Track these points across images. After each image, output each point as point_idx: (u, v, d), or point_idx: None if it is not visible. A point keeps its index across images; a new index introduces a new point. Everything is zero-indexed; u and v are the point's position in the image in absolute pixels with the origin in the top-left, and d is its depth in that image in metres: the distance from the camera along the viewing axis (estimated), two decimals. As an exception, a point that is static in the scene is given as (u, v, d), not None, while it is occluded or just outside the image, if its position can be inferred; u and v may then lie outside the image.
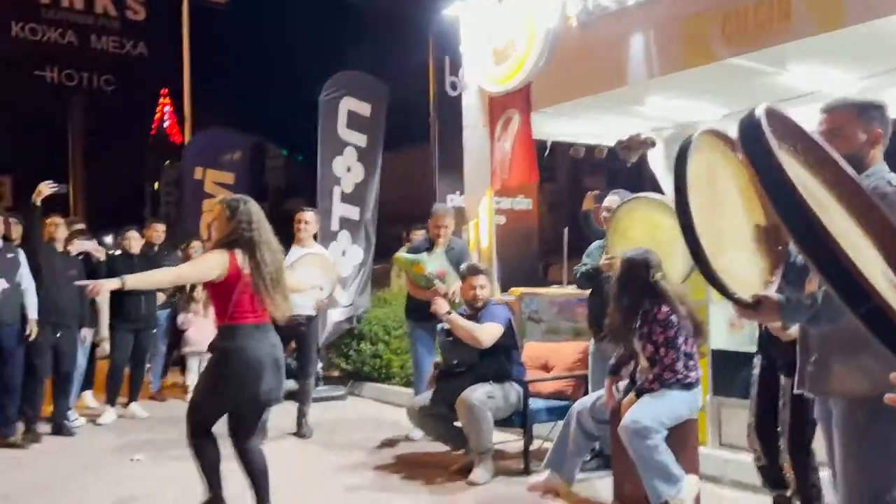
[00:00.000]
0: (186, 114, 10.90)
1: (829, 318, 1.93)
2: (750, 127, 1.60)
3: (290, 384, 6.69)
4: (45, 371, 5.62)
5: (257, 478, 3.33)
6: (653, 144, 5.74)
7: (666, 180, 6.76)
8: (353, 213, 7.20)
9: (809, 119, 2.00)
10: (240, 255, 3.29)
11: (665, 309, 3.59)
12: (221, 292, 3.31)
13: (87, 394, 6.57)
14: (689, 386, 3.60)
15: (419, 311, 5.20)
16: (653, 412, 3.50)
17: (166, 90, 29.56)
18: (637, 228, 4.03)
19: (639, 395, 3.64)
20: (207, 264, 3.37)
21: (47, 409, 5.82)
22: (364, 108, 7.27)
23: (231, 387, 3.30)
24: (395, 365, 6.84)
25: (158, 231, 6.88)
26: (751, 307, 1.90)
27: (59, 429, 5.71)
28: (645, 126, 6.14)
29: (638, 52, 4.67)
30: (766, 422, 3.26)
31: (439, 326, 4.60)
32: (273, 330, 3.48)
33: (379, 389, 6.86)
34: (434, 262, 5.08)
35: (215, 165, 9.60)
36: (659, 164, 6.68)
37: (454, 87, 8.01)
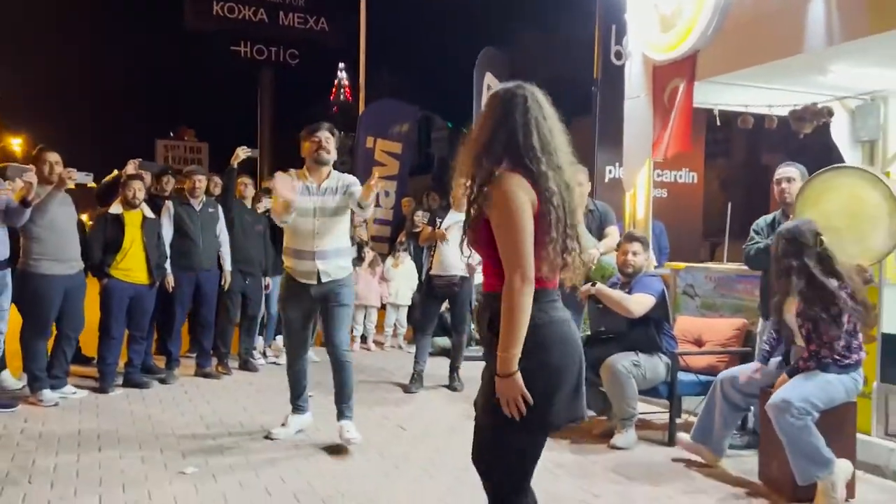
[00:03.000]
0: (361, 85, 11.57)
1: None
2: None
3: (445, 340, 7.11)
4: (235, 313, 6.40)
5: None
6: (830, 115, 5.35)
7: (851, 155, 6.26)
8: None
9: None
10: None
11: (833, 282, 3.43)
12: None
13: (280, 338, 7.31)
14: (847, 368, 3.44)
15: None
16: (804, 392, 3.39)
17: (344, 64, 31.20)
18: (834, 200, 3.79)
19: (791, 375, 3.54)
20: None
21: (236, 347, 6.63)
22: (494, 82, 7.40)
23: None
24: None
25: None
26: None
27: (246, 364, 6.50)
28: (826, 95, 5.73)
29: (817, 19, 4.38)
30: None
31: (582, 289, 4.58)
32: None
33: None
34: None
35: (385, 135, 10.16)
36: (844, 136, 6.21)
37: (619, 56, 7.89)
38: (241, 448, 4.26)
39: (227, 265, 6.20)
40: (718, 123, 5.78)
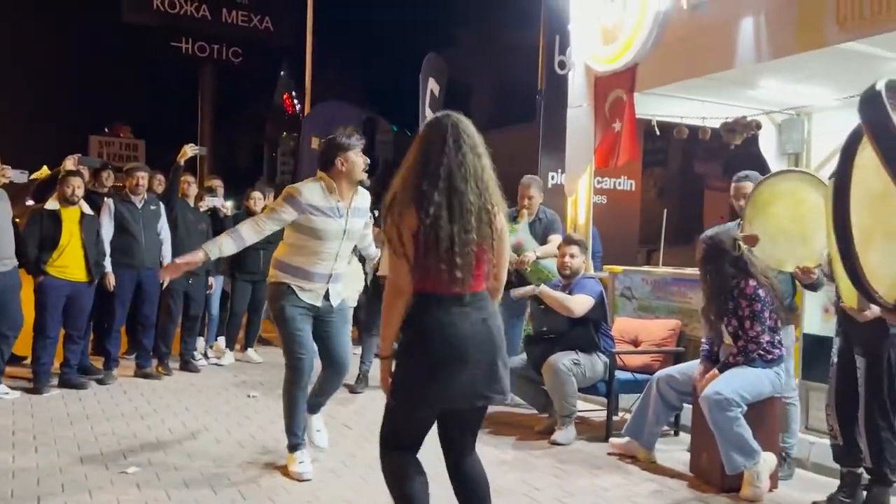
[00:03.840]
0: (307, 86, 11.52)
1: None
2: (870, 96, 1.67)
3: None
4: (178, 312, 6.30)
5: None
6: (759, 127, 5.67)
7: (777, 166, 6.61)
8: None
9: None
10: None
11: (752, 283, 3.67)
12: None
13: (222, 339, 7.20)
14: (772, 362, 3.68)
15: (507, 280, 5.44)
16: (734, 385, 3.61)
17: (287, 63, 30.86)
18: (781, 204, 3.78)
19: (721, 370, 3.75)
20: None
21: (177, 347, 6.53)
22: (436, 88, 7.53)
23: None
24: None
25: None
26: (892, 310, 1.91)
27: (186, 365, 6.40)
28: (755, 109, 6.05)
29: (748, 36, 4.64)
30: (845, 401, 3.33)
31: (518, 292, 4.75)
32: None
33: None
34: (517, 233, 5.28)
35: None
36: (771, 148, 6.55)
37: (562, 65, 8.11)
38: (184, 447, 4.22)
39: (168, 261, 6.10)
40: (658, 133, 6.02)
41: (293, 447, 3.79)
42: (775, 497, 3.65)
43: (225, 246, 3.55)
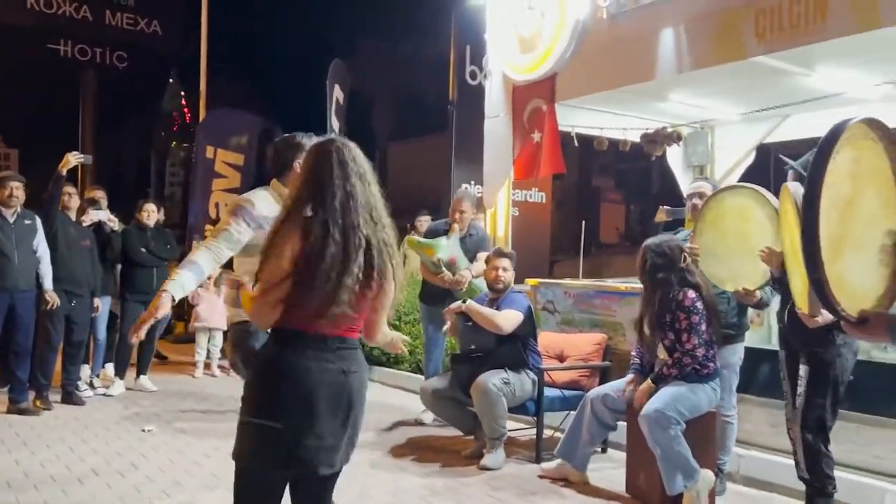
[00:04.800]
0: (201, 93, 10.87)
1: None
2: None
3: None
4: (58, 339, 5.64)
5: None
6: (679, 139, 5.75)
7: (683, 178, 6.76)
8: None
9: (831, 120, 1.91)
10: None
11: (691, 294, 3.59)
12: None
13: (110, 366, 6.53)
14: (706, 378, 3.61)
15: (433, 296, 5.22)
16: (673, 402, 3.50)
17: (178, 69, 29.50)
18: (728, 218, 3.62)
19: (655, 381, 3.65)
20: None
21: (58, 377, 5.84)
22: (341, 96, 7.30)
23: None
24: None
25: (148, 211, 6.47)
26: (856, 323, 1.80)
27: (70, 397, 5.74)
28: (664, 122, 6.15)
29: (668, 47, 4.65)
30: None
31: (452, 306, 4.57)
32: None
33: (389, 374, 6.87)
34: (448, 248, 5.07)
35: (226, 146, 9.59)
36: (678, 161, 6.69)
37: (473, 76, 8.00)
38: (69, 496, 3.68)
39: (48, 284, 5.45)
40: (577, 145, 5.98)
41: None
42: (712, 514, 3.58)
43: (188, 284, 2.77)
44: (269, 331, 2.10)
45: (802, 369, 3.19)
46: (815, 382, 3.15)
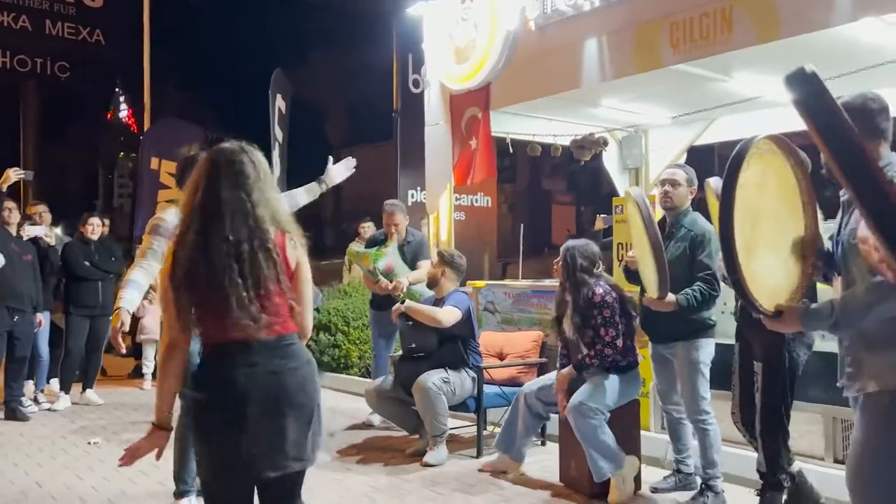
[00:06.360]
0: (145, 103, 10.79)
1: (848, 323, 1.93)
2: (801, 76, 1.69)
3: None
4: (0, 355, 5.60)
5: None
6: (605, 144, 5.99)
7: (620, 180, 7.04)
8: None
9: (754, 122, 2.10)
10: None
11: (599, 290, 3.80)
12: None
13: (55, 381, 6.48)
14: (626, 369, 3.82)
15: (382, 302, 5.35)
16: (596, 394, 3.71)
17: (122, 79, 28.98)
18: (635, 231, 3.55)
19: (577, 369, 3.85)
20: None
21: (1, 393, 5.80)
22: (283, 105, 7.37)
23: None
24: (353, 355, 6.96)
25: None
26: (773, 317, 1.97)
27: (13, 413, 5.70)
28: (599, 127, 6.40)
29: (592, 57, 4.89)
30: (749, 407, 3.31)
31: (395, 307, 4.71)
32: None
33: (338, 379, 6.97)
34: (387, 257, 5.18)
35: (171, 156, 9.55)
36: (614, 164, 6.96)
37: (416, 84, 8.16)
38: (13, 510, 3.71)
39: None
40: (511, 151, 6.19)
41: (181, 493, 3.49)
42: (644, 498, 3.79)
43: (135, 299, 3.14)
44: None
45: (757, 365, 3.24)
46: (768, 379, 3.20)
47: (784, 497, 3.30)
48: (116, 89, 32.73)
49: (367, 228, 7.17)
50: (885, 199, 1.57)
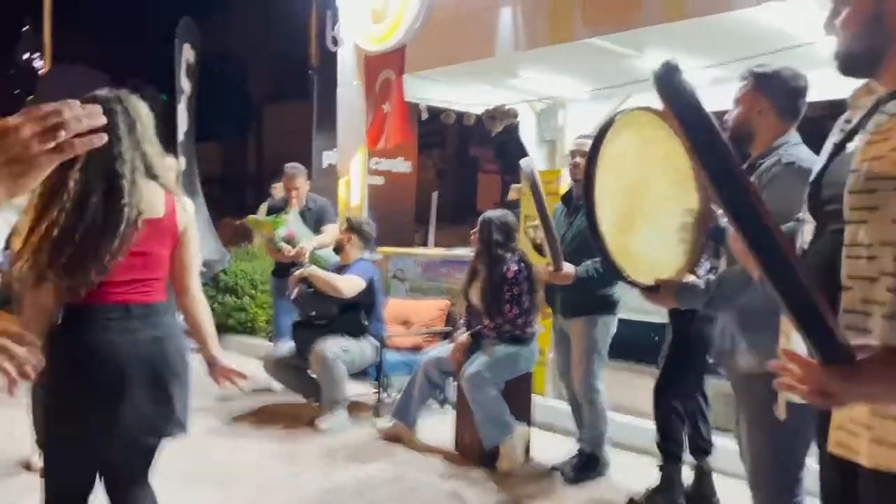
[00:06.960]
0: (46, 45, 10.10)
1: (723, 301, 1.97)
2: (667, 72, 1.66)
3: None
4: None
5: None
6: (515, 116, 5.97)
7: (537, 152, 7.04)
8: (183, 164, 6.88)
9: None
10: None
11: (514, 267, 3.82)
12: None
13: None
14: (523, 341, 3.87)
15: (282, 268, 5.22)
16: (492, 365, 3.74)
17: (32, 19, 27.13)
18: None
19: (473, 337, 3.89)
20: None
21: None
22: (192, 56, 6.98)
23: None
24: (260, 319, 6.82)
25: None
26: (649, 290, 1.96)
27: None
28: (516, 97, 6.36)
29: (506, 25, 4.82)
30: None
31: (296, 273, 4.61)
32: None
33: (243, 343, 6.82)
34: (287, 224, 5.03)
35: (69, 103, 9.00)
36: (531, 136, 6.96)
37: (335, 42, 7.91)
38: None
39: None
40: (424, 117, 6.08)
41: None
42: (530, 467, 3.87)
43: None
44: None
45: (667, 340, 3.30)
46: (673, 350, 3.25)
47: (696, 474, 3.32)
48: (25, 27, 30.66)
49: (279, 189, 6.95)
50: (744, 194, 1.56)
